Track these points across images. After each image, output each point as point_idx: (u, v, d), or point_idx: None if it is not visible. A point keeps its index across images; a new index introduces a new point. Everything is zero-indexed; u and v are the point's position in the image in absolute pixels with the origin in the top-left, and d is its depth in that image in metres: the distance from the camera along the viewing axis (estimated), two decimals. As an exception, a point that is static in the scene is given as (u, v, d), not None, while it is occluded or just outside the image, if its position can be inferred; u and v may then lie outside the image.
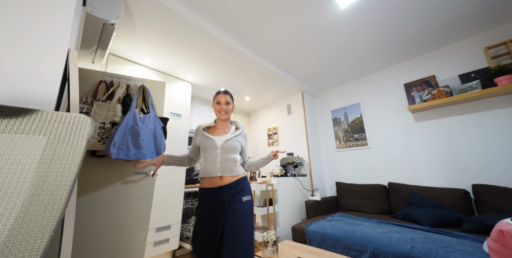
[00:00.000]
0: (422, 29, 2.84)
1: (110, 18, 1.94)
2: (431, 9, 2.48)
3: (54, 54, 0.95)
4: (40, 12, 0.94)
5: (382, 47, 3.23)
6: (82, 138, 0.66)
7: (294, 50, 3.23)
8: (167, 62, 3.29)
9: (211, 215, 1.57)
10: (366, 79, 4.20)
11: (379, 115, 3.88)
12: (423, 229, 2.31)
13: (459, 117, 3.01)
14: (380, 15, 2.55)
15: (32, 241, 0.50)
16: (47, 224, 0.55)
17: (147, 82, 2.23)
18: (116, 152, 1.81)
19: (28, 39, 0.89)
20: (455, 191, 2.74)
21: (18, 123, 0.58)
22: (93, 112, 1.85)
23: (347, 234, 2.30)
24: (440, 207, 2.69)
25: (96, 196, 1.84)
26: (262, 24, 2.64)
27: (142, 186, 2.07)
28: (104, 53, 2.44)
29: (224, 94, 1.83)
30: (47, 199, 0.57)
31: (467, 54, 3.03)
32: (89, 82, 1.95)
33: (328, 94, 4.81)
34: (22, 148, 0.57)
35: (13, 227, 0.51)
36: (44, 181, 0.58)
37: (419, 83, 3.40)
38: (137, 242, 1.98)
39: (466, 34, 2.99)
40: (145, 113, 2.10)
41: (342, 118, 4.43)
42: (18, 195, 0.53)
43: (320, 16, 2.54)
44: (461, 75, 3.00)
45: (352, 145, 4.18)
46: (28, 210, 0.54)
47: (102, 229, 1.83)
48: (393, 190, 3.26)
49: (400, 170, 3.48)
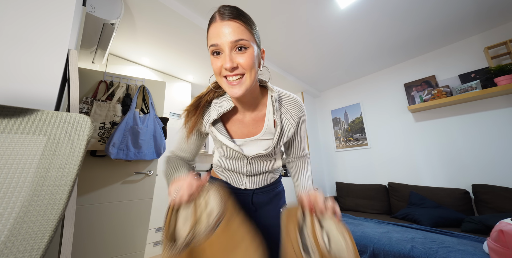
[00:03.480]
0: (422, 29, 2.84)
1: (110, 18, 1.94)
2: (430, 9, 2.48)
3: (54, 54, 0.96)
4: (40, 12, 0.94)
5: (382, 47, 3.23)
6: (82, 138, 0.65)
7: (294, 50, 3.23)
8: (167, 62, 3.28)
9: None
10: (366, 79, 4.20)
11: (379, 115, 3.88)
12: (423, 229, 2.31)
13: (459, 117, 3.00)
14: (380, 15, 2.54)
15: (32, 241, 0.50)
16: (47, 224, 0.55)
17: (147, 82, 2.23)
18: (116, 152, 1.81)
19: (28, 39, 0.90)
20: (455, 191, 2.74)
21: (18, 123, 0.58)
22: (93, 112, 1.86)
23: (347, 234, 2.30)
24: (440, 207, 2.69)
25: (96, 196, 1.84)
26: (263, 24, 2.63)
27: (142, 186, 2.07)
28: (104, 53, 2.44)
29: (229, 21, 0.70)
30: (47, 199, 0.57)
31: (467, 54, 3.03)
32: (89, 82, 1.95)
33: (328, 94, 4.80)
34: (22, 148, 0.57)
35: (13, 227, 0.51)
36: (44, 181, 0.58)
37: (419, 83, 3.40)
38: (137, 242, 1.98)
39: (466, 34, 2.99)
40: (145, 113, 2.10)
41: (342, 118, 4.43)
42: (18, 195, 0.53)
43: (320, 16, 2.53)
44: (461, 75, 3.00)
45: (352, 145, 4.18)
46: (28, 210, 0.54)
47: (102, 229, 1.83)
48: (393, 190, 3.26)
49: (400, 170, 3.48)
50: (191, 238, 0.54)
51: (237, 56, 0.70)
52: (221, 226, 0.56)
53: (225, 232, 0.56)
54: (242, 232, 0.59)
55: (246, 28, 0.71)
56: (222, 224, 0.57)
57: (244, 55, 0.70)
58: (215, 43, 0.69)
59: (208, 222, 0.57)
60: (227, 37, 0.68)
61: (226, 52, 0.69)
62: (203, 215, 0.60)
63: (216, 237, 0.54)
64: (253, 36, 0.73)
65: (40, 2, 0.95)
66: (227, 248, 0.54)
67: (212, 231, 0.55)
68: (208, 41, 0.73)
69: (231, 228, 0.58)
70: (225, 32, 0.68)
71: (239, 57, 0.70)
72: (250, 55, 0.70)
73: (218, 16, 0.70)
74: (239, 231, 0.59)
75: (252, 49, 0.71)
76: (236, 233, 0.58)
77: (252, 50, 0.71)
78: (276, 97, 0.85)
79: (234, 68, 0.70)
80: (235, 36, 0.68)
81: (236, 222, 0.60)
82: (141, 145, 1.94)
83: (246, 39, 0.69)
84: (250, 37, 0.71)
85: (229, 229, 0.57)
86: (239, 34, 0.68)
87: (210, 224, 0.57)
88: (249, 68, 0.71)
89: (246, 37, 0.70)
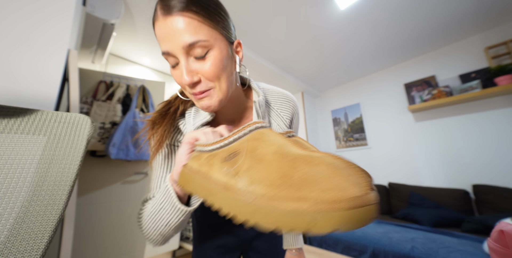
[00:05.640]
0: (422, 29, 2.83)
1: (110, 18, 1.94)
2: (430, 9, 2.47)
3: (53, 54, 0.95)
4: (40, 12, 0.94)
5: (382, 47, 3.23)
6: (82, 138, 0.65)
7: (294, 50, 3.22)
8: (167, 62, 3.27)
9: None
10: (366, 79, 4.20)
11: (379, 115, 3.88)
12: (423, 229, 2.31)
13: (459, 117, 3.00)
14: (380, 15, 2.54)
15: (32, 241, 0.50)
16: (47, 224, 0.55)
17: (147, 83, 2.23)
18: (116, 152, 1.81)
19: (28, 39, 0.89)
20: (455, 191, 2.74)
21: (18, 123, 0.58)
22: (93, 112, 1.86)
23: (347, 233, 2.30)
24: (440, 207, 2.68)
25: (96, 196, 1.84)
26: (262, 25, 2.63)
27: (142, 186, 2.07)
28: (104, 53, 2.44)
29: (177, 16, 0.47)
30: (47, 199, 0.57)
31: (467, 54, 3.03)
32: (89, 82, 1.95)
33: (328, 94, 4.80)
34: (22, 148, 0.57)
35: (13, 227, 0.51)
36: (44, 181, 0.58)
37: (419, 83, 3.40)
38: (137, 242, 1.98)
39: (466, 34, 2.99)
40: (145, 113, 2.10)
41: (342, 118, 4.42)
42: (18, 195, 0.53)
43: (320, 17, 2.53)
44: (461, 75, 2.99)
45: (352, 145, 4.18)
46: (28, 210, 0.54)
47: (102, 229, 1.83)
48: (393, 190, 3.25)
49: (400, 170, 3.48)
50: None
51: (198, 65, 0.51)
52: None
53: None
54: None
55: (204, 20, 0.49)
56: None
57: (206, 62, 0.51)
58: (165, 50, 0.51)
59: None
60: (177, 40, 0.48)
61: (181, 63, 0.51)
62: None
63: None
64: (217, 30, 0.52)
65: (39, 2, 0.95)
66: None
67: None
68: (158, 41, 0.53)
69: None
70: (174, 34, 0.48)
71: (200, 67, 0.51)
72: (215, 60, 0.51)
73: (161, 10, 0.49)
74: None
75: (217, 50, 0.51)
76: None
77: (217, 51, 0.51)
78: (262, 102, 0.67)
79: (196, 83, 0.53)
80: (188, 38, 0.48)
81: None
82: (140, 145, 1.94)
83: (205, 39, 0.49)
84: (211, 33, 0.50)
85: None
86: (194, 33, 0.48)
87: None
88: (216, 77, 0.52)
89: (205, 34, 0.49)
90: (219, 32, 0.53)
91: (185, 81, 0.51)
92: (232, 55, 0.58)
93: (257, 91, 0.70)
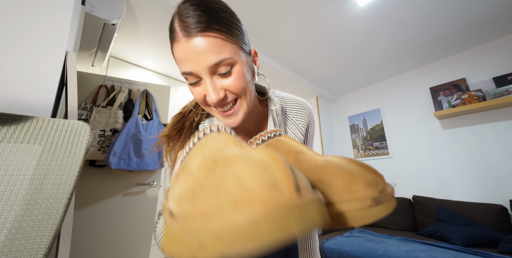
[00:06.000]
0: (450, 27, 2.79)
1: (111, 18, 1.96)
2: (461, 5, 2.43)
3: (50, 56, 0.96)
4: (36, 11, 0.95)
5: (405, 47, 3.19)
6: (81, 146, 0.65)
7: (308, 51, 3.21)
8: (172, 65, 3.31)
9: None
10: (387, 82, 4.16)
11: (402, 122, 3.82)
12: (454, 249, 2.24)
13: (493, 125, 2.93)
14: (403, 12, 2.51)
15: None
16: (41, 240, 0.54)
17: (151, 87, 2.25)
18: (117, 161, 1.82)
19: (23, 40, 0.90)
20: (490, 207, 2.65)
21: (11, 131, 0.58)
22: (92, 119, 1.87)
23: (368, 252, 2.25)
24: (473, 224, 2.60)
25: (95, 209, 1.85)
26: (274, 24, 2.64)
27: (145, 198, 2.07)
28: (104, 55, 2.48)
29: (200, 37, 0.50)
30: (41, 213, 0.56)
31: (503, 55, 2.97)
32: (88, 87, 1.98)
33: (345, 99, 4.77)
34: (16, 158, 0.57)
35: (4, 244, 0.50)
36: (39, 193, 0.57)
37: (447, 87, 3.34)
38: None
39: (501, 33, 2.93)
40: (148, 120, 2.12)
41: (361, 125, 4.38)
42: (10, 210, 0.53)
43: (337, 15, 2.52)
44: (495, 78, 2.93)
45: (372, 154, 4.12)
46: (21, 226, 0.54)
47: (102, 246, 1.83)
48: (419, 204, 3.18)
49: (426, 182, 3.40)
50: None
51: (222, 81, 0.54)
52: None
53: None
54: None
55: (226, 37, 0.52)
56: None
57: (232, 77, 0.54)
58: (187, 71, 0.53)
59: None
60: (201, 61, 0.50)
61: (206, 82, 0.53)
62: None
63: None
64: (237, 44, 0.55)
65: (35, 0, 0.96)
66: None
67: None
68: (177, 64, 0.57)
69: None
70: (198, 55, 0.50)
71: (225, 83, 0.54)
72: (239, 75, 0.54)
73: (181, 31, 0.51)
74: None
75: (240, 64, 0.54)
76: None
77: (240, 65, 0.54)
78: (278, 110, 0.71)
79: (223, 99, 0.56)
80: (213, 58, 0.50)
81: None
82: (143, 154, 1.95)
83: (229, 57, 0.51)
84: (233, 49, 0.53)
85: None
86: (218, 52, 0.50)
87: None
88: (242, 91, 0.56)
89: (229, 52, 0.52)
90: (239, 46, 0.55)
91: (212, 100, 0.54)
92: (251, 65, 0.62)
93: (273, 100, 0.73)
